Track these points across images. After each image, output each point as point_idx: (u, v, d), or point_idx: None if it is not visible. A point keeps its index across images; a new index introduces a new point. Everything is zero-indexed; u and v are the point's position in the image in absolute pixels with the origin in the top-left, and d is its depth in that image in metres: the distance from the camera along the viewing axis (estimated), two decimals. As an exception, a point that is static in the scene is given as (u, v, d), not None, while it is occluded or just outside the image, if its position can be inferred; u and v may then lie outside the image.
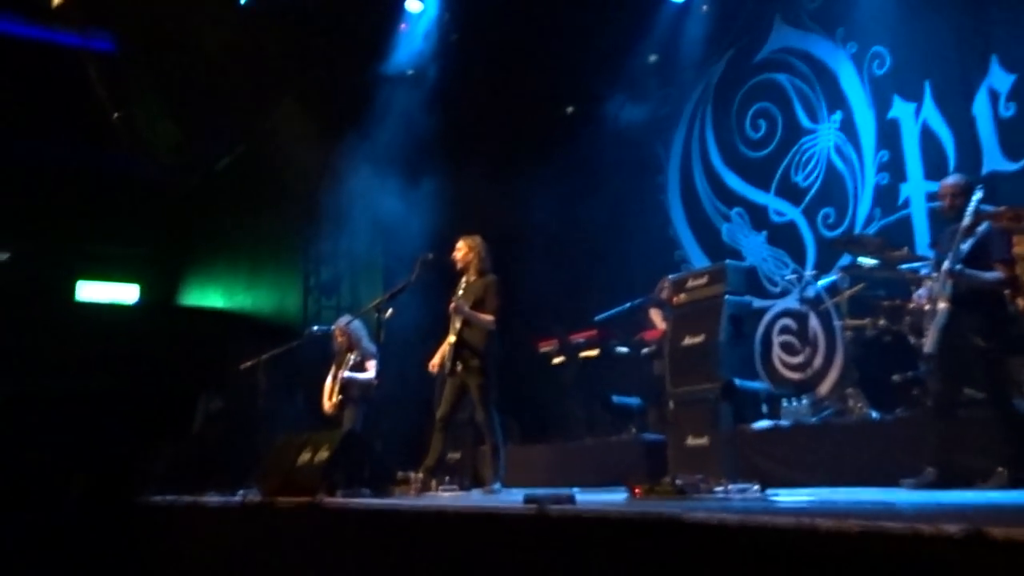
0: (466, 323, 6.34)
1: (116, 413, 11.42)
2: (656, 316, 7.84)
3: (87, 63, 11.51)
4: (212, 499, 6.45)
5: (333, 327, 7.76)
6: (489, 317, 6.28)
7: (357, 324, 7.64)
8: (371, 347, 7.55)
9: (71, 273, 14.99)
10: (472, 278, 6.50)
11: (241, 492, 6.50)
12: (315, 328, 8.42)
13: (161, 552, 5.97)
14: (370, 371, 7.54)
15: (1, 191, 13.28)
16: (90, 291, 15.13)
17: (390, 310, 6.33)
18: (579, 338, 8.22)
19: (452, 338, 6.36)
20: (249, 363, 7.71)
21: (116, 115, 11.70)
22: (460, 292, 6.28)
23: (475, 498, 5.54)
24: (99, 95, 11.65)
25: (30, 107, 12.33)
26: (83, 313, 13.25)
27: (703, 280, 6.75)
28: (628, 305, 7.89)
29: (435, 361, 6.52)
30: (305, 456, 5.86)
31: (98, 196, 14.28)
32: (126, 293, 15.42)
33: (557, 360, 8.34)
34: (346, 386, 7.55)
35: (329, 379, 7.63)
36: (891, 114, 7.25)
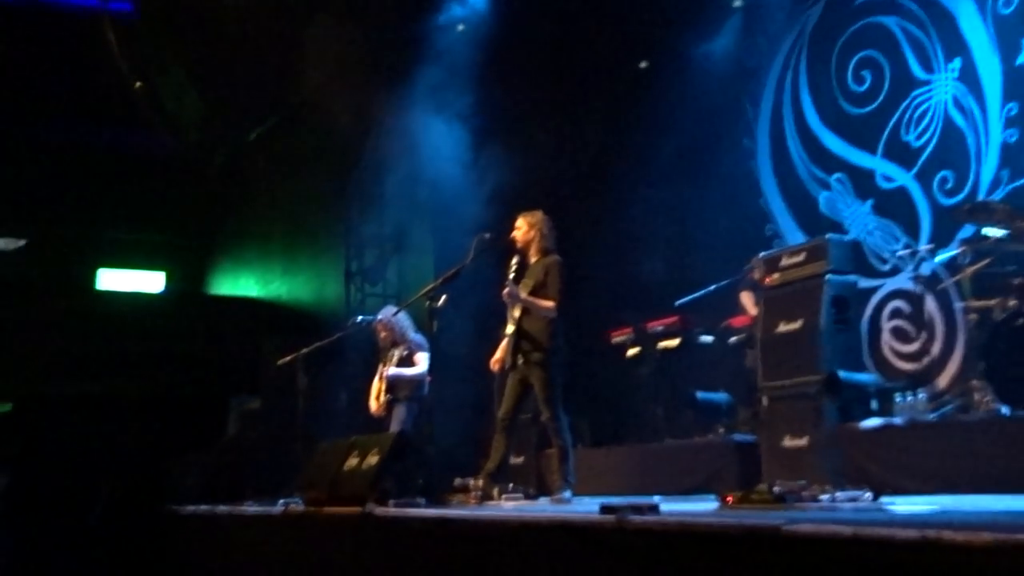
0: (526, 311, 6.38)
1: (142, 415, 11.69)
2: (746, 300, 7.84)
3: (105, 29, 11.72)
4: (250, 508, 6.51)
5: (374, 320, 7.92)
6: (549, 303, 6.32)
7: (401, 316, 7.73)
8: (419, 338, 7.66)
9: (91, 261, 15.47)
10: (533, 259, 6.55)
11: (282, 501, 6.56)
12: (359, 318, 8.46)
13: (194, 566, 6.07)
14: (420, 366, 7.63)
15: (12, 173, 13.70)
16: (112, 280, 15.63)
17: (443, 297, 6.37)
18: (657, 326, 8.20)
19: (510, 328, 6.41)
20: (287, 358, 7.80)
21: (137, 85, 11.90)
22: (511, 274, 6.34)
23: (543, 507, 5.54)
24: (118, 65, 11.88)
25: (41, 80, 12.63)
26: (104, 304, 13.55)
27: (800, 257, 6.67)
28: (713, 288, 7.90)
29: (497, 357, 6.59)
30: (352, 462, 5.91)
31: (118, 177, 14.65)
32: (150, 281, 15.84)
33: (632, 352, 8.34)
34: (393, 384, 7.64)
35: (376, 378, 7.74)
36: (1020, 60, 7.16)
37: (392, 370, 7.66)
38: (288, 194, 12.80)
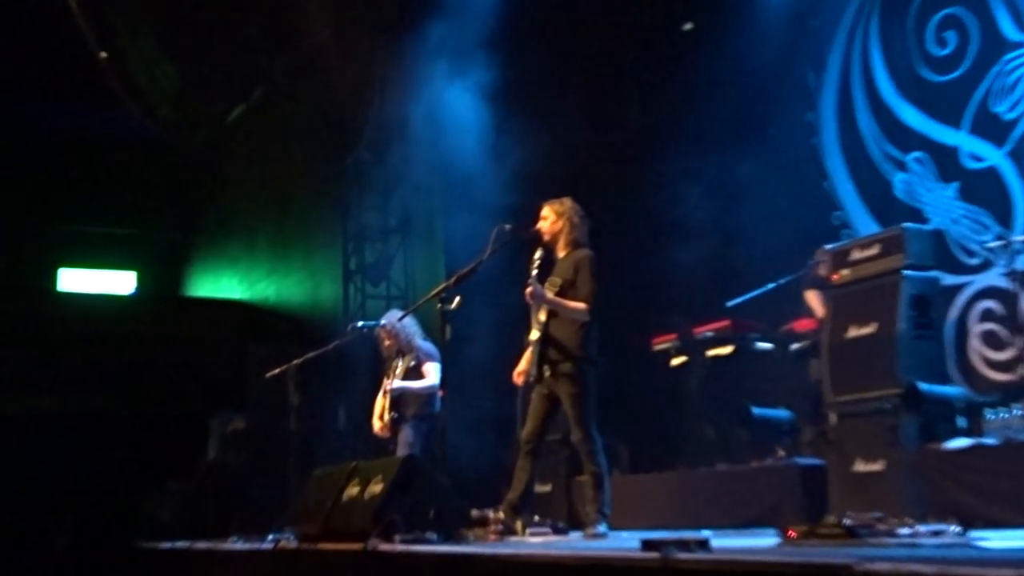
0: (553, 314, 6.43)
1: (109, 436, 11.68)
2: (812, 300, 7.86)
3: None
4: (235, 545, 6.59)
5: (377, 326, 8.00)
6: (581, 305, 6.36)
7: (407, 321, 7.80)
8: (428, 347, 7.76)
9: (50, 259, 15.50)
10: (561, 254, 6.59)
11: (271, 536, 6.63)
12: (360, 324, 8.50)
13: (171, 611, 5.95)
14: (430, 378, 7.71)
15: (-41, 159, 13.82)
16: (74, 280, 15.66)
17: (457, 299, 6.38)
18: (706, 331, 8.24)
19: (535, 334, 6.44)
20: (276, 371, 7.91)
21: (102, 55, 11.92)
22: (535, 271, 6.37)
23: (574, 543, 5.57)
24: (80, 31, 11.88)
25: (-8, 50, 12.58)
26: (66, 308, 13.35)
27: (872, 250, 6.69)
28: (772, 286, 7.92)
29: (520, 368, 6.62)
30: (352, 491, 5.95)
31: (81, 161, 14.69)
32: (119, 282, 15.93)
33: (677, 361, 8.39)
34: (399, 400, 7.72)
35: (380, 393, 7.84)
36: None
37: (398, 383, 7.71)
38: (277, 181, 12.89)
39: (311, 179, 12.25)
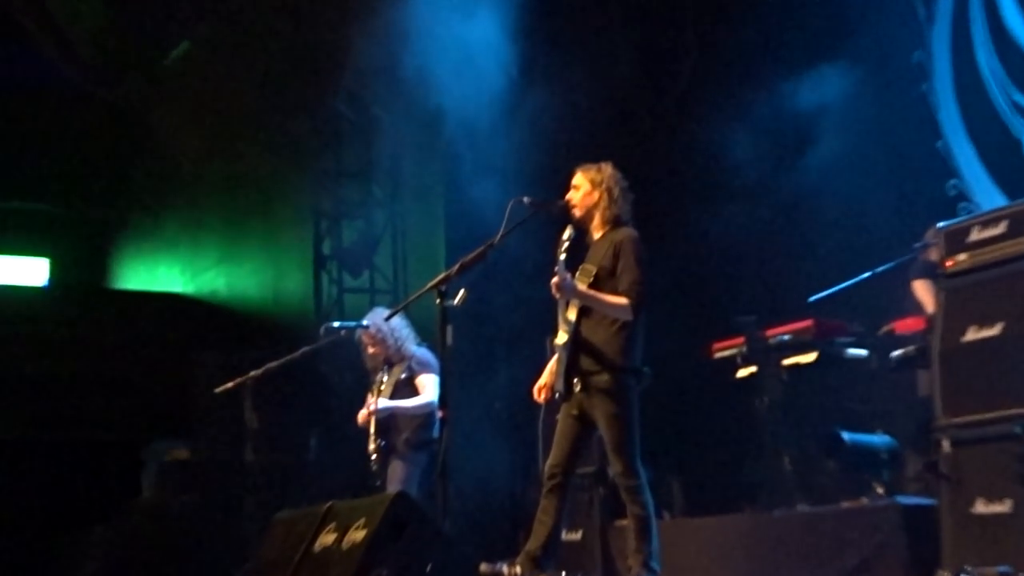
0: (586, 312, 6.47)
1: (15, 468, 11.63)
2: (921, 292, 7.87)
3: None
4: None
5: (358, 328, 7.97)
6: (622, 300, 6.38)
7: (396, 323, 7.82)
8: (424, 355, 7.79)
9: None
10: (597, 234, 6.63)
11: (223, 597, 6.72)
12: (336, 325, 8.41)
13: None
14: (426, 395, 7.71)
15: None
16: (-27, 270, 15.77)
17: (461, 292, 6.33)
18: (782, 334, 8.13)
19: (563, 337, 6.48)
20: (228, 385, 7.79)
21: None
22: (562, 254, 6.38)
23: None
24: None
25: None
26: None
27: (998, 228, 6.42)
28: (867, 275, 7.81)
29: (543, 382, 6.68)
30: (327, 538, 5.92)
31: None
32: (29, 271, 16.03)
33: (745, 372, 8.27)
34: (387, 424, 7.71)
35: (363, 411, 7.81)
36: None
37: (385, 403, 7.71)
38: (229, 141, 12.90)
39: (273, 139, 12.26)
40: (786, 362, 8.07)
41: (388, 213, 11.79)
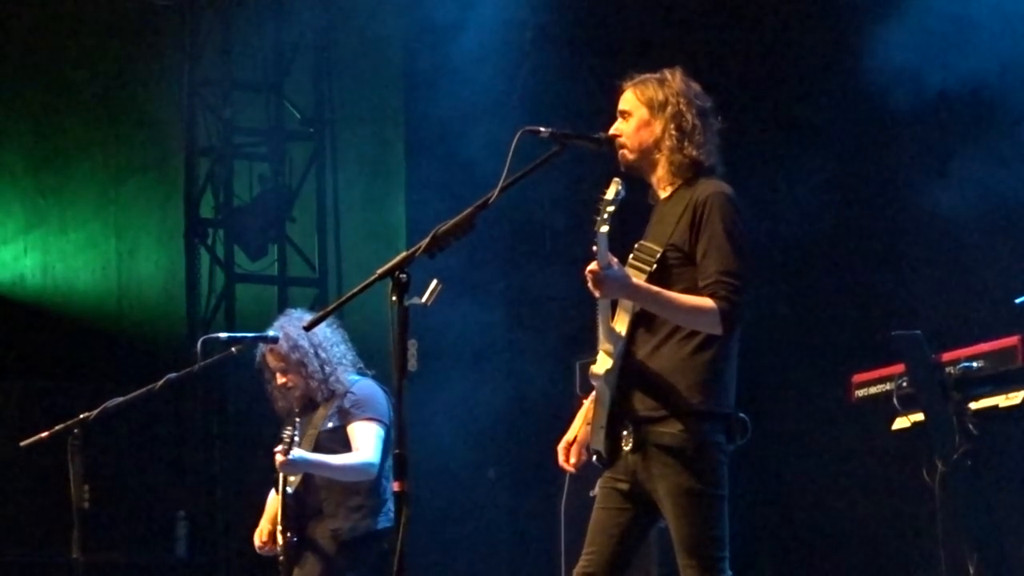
0: (644, 320, 5.61)
1: None
2: None
3: None
4: None
5: (261, 342, 7.16)
6: (708, 303, 5.48)
7: (322, 337, 7.14)
8: (364, 389, 7.12)
9: None
10: (664, 191, 5.71)
11: None
12: (223, 338, 7.45)
13: None
14: (363, 451, 6.97)
15: None
16: None
17: (433, 285, 5.09)
18: (968, 357, 7.02)
19: (605, 363, 5.60)
20: (40, 436, 6.64)
21: None
22: (602, 225, 5.43)
23: None
24: None
25: None
26: None
27: None
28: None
29: (572, 437, 5.86)
30: None
31: None
32: None
33: (906, 421, 7.15)
34: (306, 496, 7.01)
35: (273, 494, 7.15)
36: None
37: (301, 455, 6.80)
38: (45, 35, 11.95)
39: (118, 30, 11.30)
40: (974, 405, 6.91)
41: (312, 150, 10.44)
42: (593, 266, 5.31)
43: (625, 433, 5.50)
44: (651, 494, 5.52)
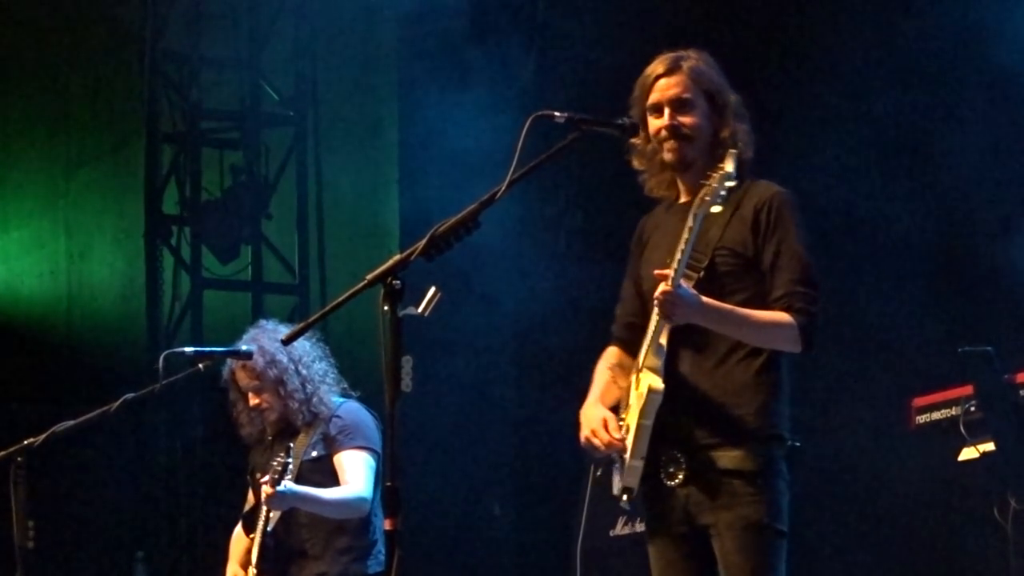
0: (693, 335, 5.34)
1: None
2: None
3: None
4: None
5: (232, 356, 6.87)
6: (782, 316, 5.29)
7: (301, 352, 6.91)
8: (350, 412, 6.88)
9: None
10: (707, 191, 5.27)
11: None
12: (188, 352, 7.12)
13: None
14: (353, 484, 6.72)
15: None
16: None
17: (431, 292, 5.02)
18: None
19: (653, 381, 5.28)
20: None
21: None
22: (714, 207, 5.33)
23: None
24: None
25: None
26: None
27: None
28: None
29: (591, 435, 5.46)
30: None
31: None
32: None
33: (974, 451, 7.06)
34: (286, 535, 6.72)
35: (237, 532, 6.89)
36: None
37: (291, 487, 6.48)
38: None
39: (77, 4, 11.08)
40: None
41: (292, 136, 10.19)
42: (664, 288, 5.01)
43: (673, 467, 5.22)
44: (702, 537, 5.21)
